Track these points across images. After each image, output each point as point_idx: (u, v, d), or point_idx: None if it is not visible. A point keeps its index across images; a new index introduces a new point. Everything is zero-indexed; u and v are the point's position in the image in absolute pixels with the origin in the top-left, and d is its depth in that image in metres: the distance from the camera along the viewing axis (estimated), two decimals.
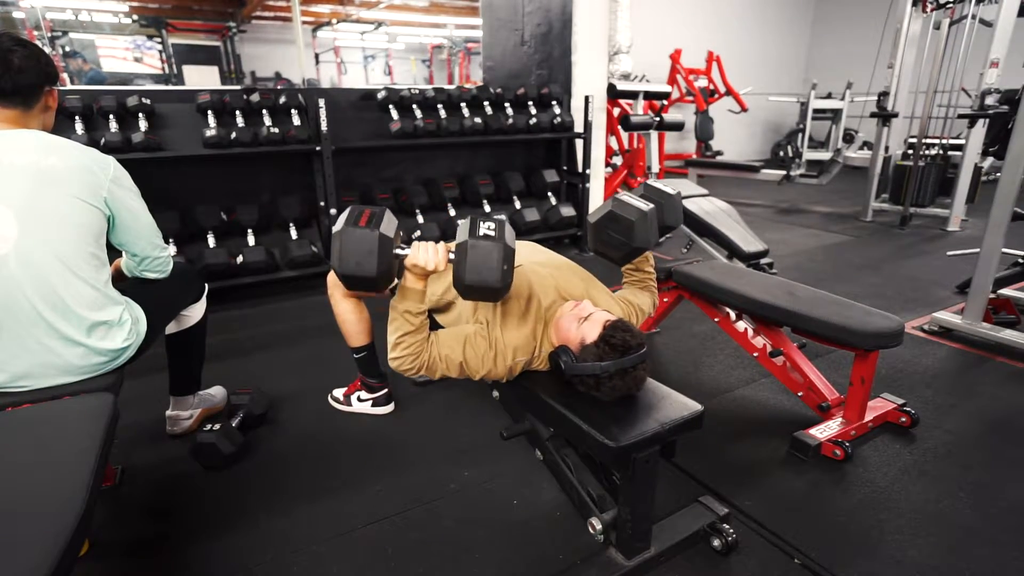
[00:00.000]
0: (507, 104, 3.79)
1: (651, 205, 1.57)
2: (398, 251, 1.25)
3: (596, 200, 4.18)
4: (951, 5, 4.39)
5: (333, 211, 3.18)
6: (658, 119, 4.35)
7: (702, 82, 7.45)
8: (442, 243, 1.31)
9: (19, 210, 1.21)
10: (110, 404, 1.16)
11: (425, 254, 1.27)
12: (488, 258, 1.20)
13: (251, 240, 3.09)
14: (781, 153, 7.82)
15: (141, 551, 1.42)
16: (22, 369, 1.27)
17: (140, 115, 2.84)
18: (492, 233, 1.23)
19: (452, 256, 1.26)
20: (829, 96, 6.95)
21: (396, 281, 1.33)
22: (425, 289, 1.34)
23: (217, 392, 1.99)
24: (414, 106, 3.48)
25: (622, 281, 1.77)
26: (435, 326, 1.65)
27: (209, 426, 1.68)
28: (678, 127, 4.53)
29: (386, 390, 1.99)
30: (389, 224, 1.22)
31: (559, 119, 3.85)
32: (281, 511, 1.53)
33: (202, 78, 7.83)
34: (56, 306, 1.26)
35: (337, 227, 1.20)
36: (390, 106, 3.45)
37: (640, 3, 5.58)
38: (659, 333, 2.62)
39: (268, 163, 3.28)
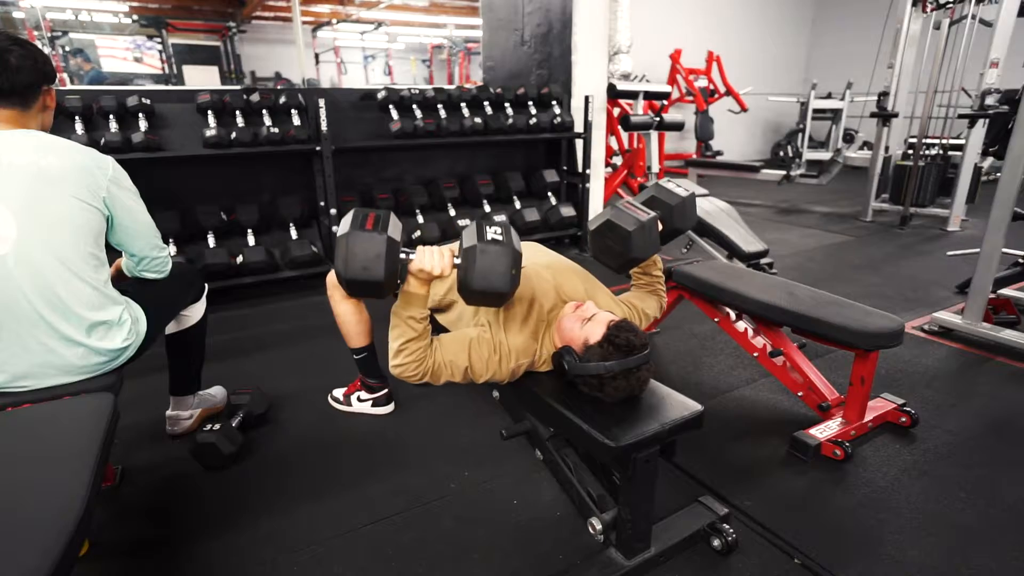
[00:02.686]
0: (507, 104, 3.78)
1: (652, 214, 1.54)
2: (403, 255, 1.23)
3: (596, 200, 4.18)
4: (951, 5, 4.39)
5: (333, 211, 3.18)
6: (658, 119, 4.35)
7: (702, 82, 7.45)
8: (446, 247, 1.30)
9: (18, 210, 1.21)
10: (110, 404, 1.16)
11: (431, 259, 1.25)
12: (497, 263, 1.18)
13: (251, 240, 3.09)
14: (781, 153, 7.81)
15: (141, 551, 1.42)
16: (22, 369, 1.27)
17: (140, 115, 2.84)
18: (500, 237, 1.20)
19: (457, 260, 1.24)
20: (829, 96, 6.95)
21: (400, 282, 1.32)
22: (428, 294, 1.33)
23: (217, 392, 1.99)
24: (414, 106, 3.48)
25: (630, 283, 1.77)
26: (435, 325, 1.65)
27: (209, 426, 1.68)
28: (678, 127, 4.53)
29: (386, 390, 1.99)
30: (395, 228, 1.20)
31: (559, 119, 3.85)
32: (281, 511, 1.53)
33: (202, 78, 7.83)
34: (56, 306, 1.26)
35: (342, 231, 1.17)
36: (390, 106, 3.45)
37: (640, 3, 5.58)
38: (659, 333, 2.63)
39: (268, 163, 3.28)
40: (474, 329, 1.44)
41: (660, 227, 1.61)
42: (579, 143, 3.99)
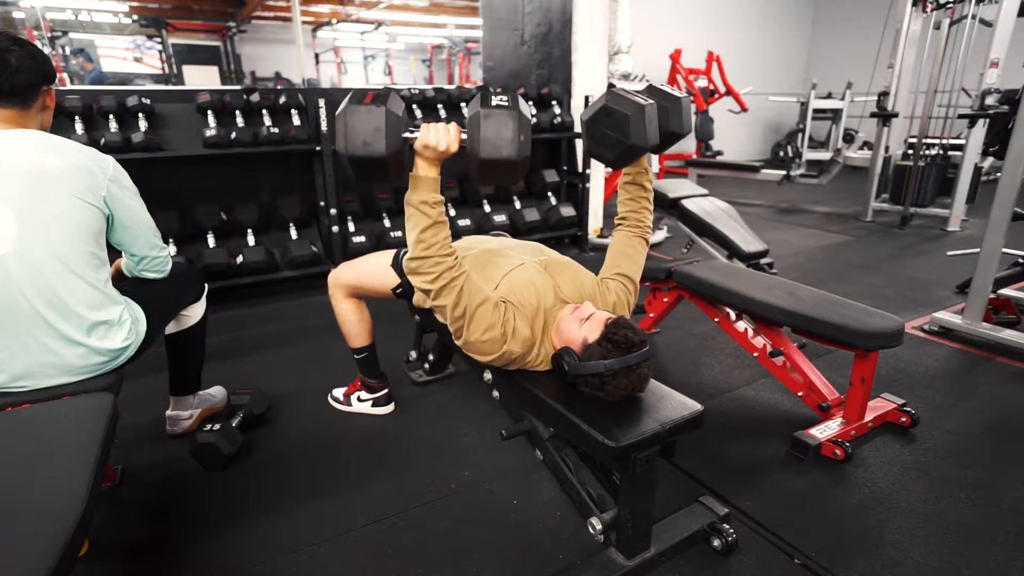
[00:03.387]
0: None
1: (651, 101, 1.44)
2: (407, 135, 1.17)
3: (596, 200, 4.18)
4: (951, 5, 4.39)
5: (333, 211, 3.18)
6: None
7: (702, 82, 7.45)
8: (453, 123, 1.22)
9: (18, 210, 1.21)
10: (110, 404, 1.16)
11: (436, 134, 1.19)
12: (503, 128, 1.12)
13: (251, 240, 3.09)
14: (781, 153, 7.81)
15: (141, 551, 1.42)
16: (22, 369, 1.27)
17: (140, 115, 2.84)
18: (506, 103, 1.14)
19: (464, 136, 1.17)
20: (829, 96, 6.95)
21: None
22: (438, 176, 1.26)
23: (217, 392, 1.99)
24: (414, 106, 3.48)
25: (617, 202, 1.67)
26: (436, 324, 1.65)
27: (209, 426, 1.68)
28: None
29: (386, 390, 1.99)
30: (395, 103, 1.14)
31: (559, 119, 3.86)
32: (281, 511, 1.53)
33: (202, 78, 7.83)
34: (56, 306, 1.26)
35: (340, 108, 1.12)
36: None
37: (640, 3, 5.58)
38: (659, 333, 2.62)
39: (268, 163, 3.28)
40: (495, 295, 1.38)
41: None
42: (579, 143, 3.99)
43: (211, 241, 3.01)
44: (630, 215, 1.64)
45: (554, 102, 3.91)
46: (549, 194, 4.04)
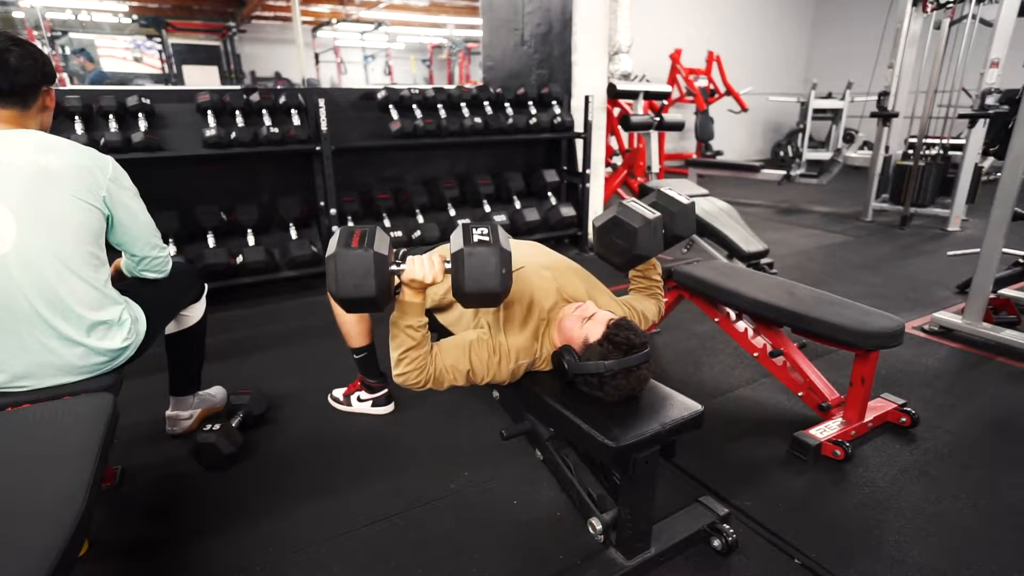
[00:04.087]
0: (507, 104, 3.79)
1: (657, 214, 1.57)
2: (393, 268, 1.24)
3: (596, 200, 4.18)
4: (951, 5, 4.39)
5: (333, 211, 3.18)
6: (658, 119, 4.35)
7: (702, 82, 7.45)
8: (436, 252, 1.30)
9: (18, 210, 1.21)
10: (110, 404, 1.16)
11: (422, 268, 1.25)
12: (486, 264, 1.18)
13: (251, 240, 3.09)
14: (781, 153, 7.82)
15: (141, 551, 1.42)
16: (22, 369, 1.27)
17: (140, 115, 2.84)
18: (487, 239, 1.20)
19: (448, 265, 1.24)
20: (829, 96, 6.95)
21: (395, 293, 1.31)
22: (424, 302, 1.33)
23: (217, 392, 1.99)
24: (414, 106, 3.48)
25: (628, 287, 1.77)
26: (435, 325, 1.65)
27: (209, 426, 1.68)
28: (678, 127, 4.54)
29: (386, 390, 1.99)
30: (382, 242, 1.21)
31: (559, 119, 3.85)
32: (281, 511, 1.53)
33: (202, 78, 7.83)
34: (55, 306, 1.26)
35: (329, 252, 1.18)
36: (390, 106, 3.45)
37: (640, 3, 5.58)
38: (659, 333, 2.62)
39: (268, 163, 3.28)
40: (473, 332, 1.44)
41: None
42: (579, 143, 3.99)
43: (211, 241, 3.00)
44: (642, 288, 1.73)
45: (554, 102, 3.91)
46: (549, 194, 4.04)
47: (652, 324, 1.69)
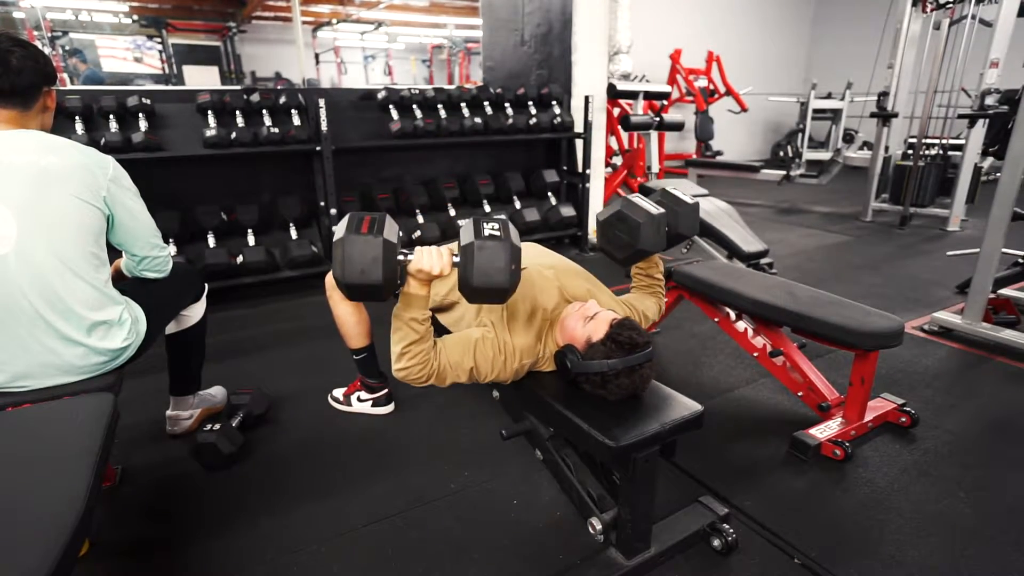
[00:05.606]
0: (507, 104, 3.79)
1: (661, 210, 1.57)
2: (400, 257, 1.22)
3: (596, 200, 4.18)
4: (951, 5, 4.39)
5: (333, 211, 3.18)
6: (658, 119, 4.35)
7: (702, 82, 7.45)
8: (445, 246, 1.29)
9: (19, 210, 1.21)
10: (110, 404, 1.16)
11: (429, 259, 1.24)
12: (495, 259, 1.17)
13: (251, 240, 3.09)
14: (781, 153, 7.82)
15: (141, 551, 1.42)
16: (22, 369, 1.27)
17: (140, 115, 2.84)
18: (498, 233, 1.19)
19: (456, 259, 1.23)
20: (829, 96, 6.95)
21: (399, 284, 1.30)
22: (429, 295, 1.32)
23: (217, 392, 1.99)
24: (414, 106, 3.48)
25: (630, 285, 1.77)
26: (436, 325, 1.65)
27: (209, 426, 1.68)
28: (678, 127, 4.53)
29: (386, 390, 1.99)
30: (391, 230, 1.19)
31: (559, 119, 3.85)
32: (281, 511, 1.53)
33: (202, 78, 7.83)
34: (56, 306, 1.26)
35: (338, 236, 1.16)
36: (390, 106, 3.45)
37: (640, 3, 5.58)
38: (659, 333, 2.63)
39: (268, 163, 3.28)
40: (478, 330, 1.43)
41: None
42: (579, 143, 3.99)
43: (211, 241, 3.00)
44: (644, 287, 1.74)
45: (554, 102, 3.91)
46: (549, 194, 4.04)
47: (652, 324, 1.69)
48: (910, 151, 4.82)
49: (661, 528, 1.37)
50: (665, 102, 4.91)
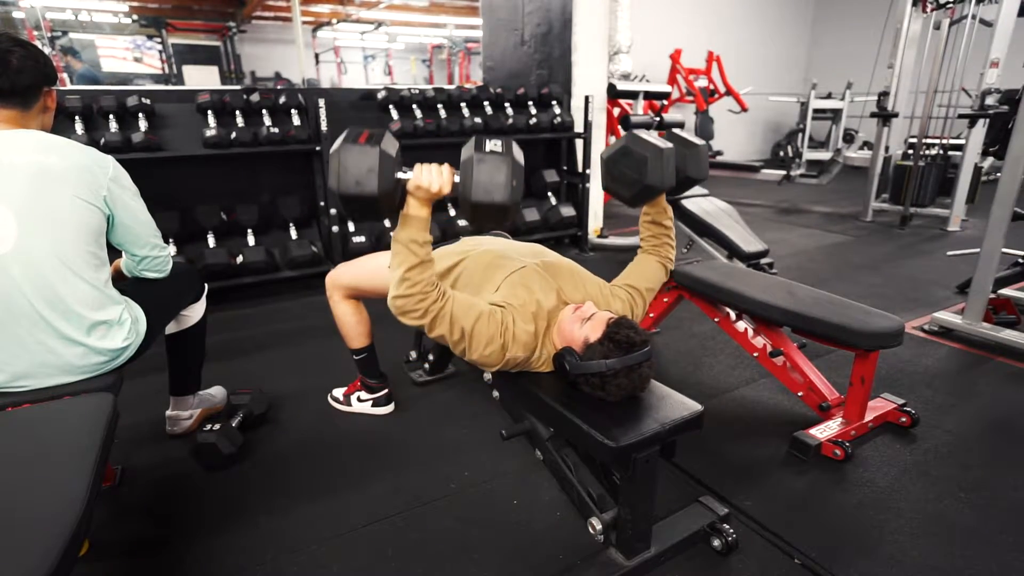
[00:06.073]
0: (507, 104, 3.79)
1: (669, 145, 1.50)
2: (400, 175, 1.18)
3: (596, 200, 4.19)
4: (951, 5, 4.39)
5: (333, 211, 3.18)
6: (658, 119, 4.35)
7: (702, 82, 7.45)
8: (446, 165, 1.23)
9: (19, 210, 1.21)
10: (110, 404, 1.16)
11: (429, 175, 1.19)
12: (496, 174, 1.13)
13: (251, 240, 3.09)
14: (781, 153, 7.82)
15: (141, 551, 1.42)
16: (22, 369, 1.27)
17: (140, 115, 2.84)
18: (499, 149, 1.16)
19: (457, 178, 1.19)
20: (829, 96, 6.95)
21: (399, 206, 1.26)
22: (429, 216, 1.27)
23: (217, 392, 1.99)
24: (414, 106, 3.48)
25: (638, 239, 1.71)
26: None
27: (209, 426, 1.68)
28: (678, 127, 4.54)
29: (386, 390, 1.99)
30: (390, 143, 1.15)
31: (559, 119, 3.86)
32: (281, 511, 1.53)
33: (202, 78, 7.82)
34: (56, 306, 1.26)
35: (335, 146, 1.13)
36: (390, 106, 3.45)
37: (640, 3, 5.58)
38: (659, 333, 2.62)
39: (268, 163, 3.28)
40: (486, 305, 1.38)
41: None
42: (579, 143, 3.99)
43: (211, 241, 3.01)
44: (651, 249, 1.67)
45: (554, 102, 3.91)
46: (549, 194, 4.04)
47: (652, 319, 1.63)
48: (910, 151, 4.82)
49: (661, 528, 1.37)
50: (665, 102, 4.92)
